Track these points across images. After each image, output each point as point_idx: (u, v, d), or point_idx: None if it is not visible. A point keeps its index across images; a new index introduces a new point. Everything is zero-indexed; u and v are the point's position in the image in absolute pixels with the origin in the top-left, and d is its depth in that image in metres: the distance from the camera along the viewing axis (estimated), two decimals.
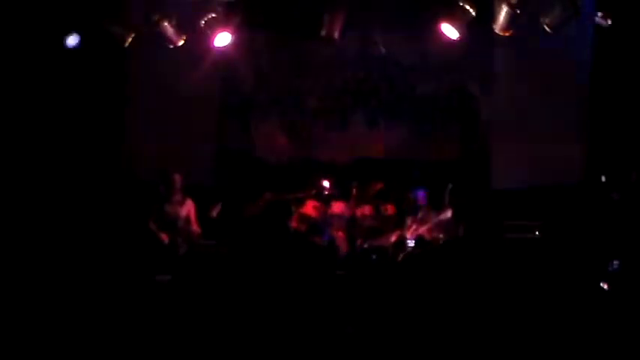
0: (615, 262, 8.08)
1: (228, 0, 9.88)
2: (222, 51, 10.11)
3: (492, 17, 9.24)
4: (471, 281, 8.60)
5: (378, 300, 8.15)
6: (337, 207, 10.01)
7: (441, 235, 9.13)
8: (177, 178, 9.21)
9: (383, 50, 10.29)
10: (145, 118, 10.62)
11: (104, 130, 10.43)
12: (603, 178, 9.64)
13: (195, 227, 9.27)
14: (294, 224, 9.90)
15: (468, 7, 9.06)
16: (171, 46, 9.70)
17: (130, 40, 9.58)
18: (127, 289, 8.39)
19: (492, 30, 9.31)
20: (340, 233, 9.88)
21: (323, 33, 9.43)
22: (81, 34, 9.56)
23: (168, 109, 10.55)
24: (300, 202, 10.02)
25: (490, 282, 8.56)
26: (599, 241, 8.83)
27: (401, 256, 8.92)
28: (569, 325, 7.04)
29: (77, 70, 10.09)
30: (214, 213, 9.28)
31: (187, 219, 9.27)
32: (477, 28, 9.48)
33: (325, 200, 9.97)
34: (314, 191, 10.09)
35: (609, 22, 8.86)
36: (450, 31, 9.25)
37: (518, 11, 8.91)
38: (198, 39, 9.85)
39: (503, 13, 8.91)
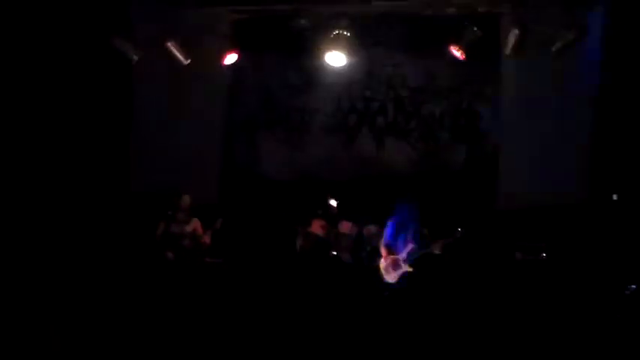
0: (632, 286, 8.06)
1: (235, 19, 9.98)
2: (229, 69, 10.17)
3: (500, 38, 9.32)
4: (477, 301, 8.63)
5: (387, 317, 8.19)
6: (344, 226, 9.98)
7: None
8: (186, 198, 9.26)
9: (390, 70, 10.32)
10: (151, 134, 10.63)
11: (111, 144, 10.42)
12: (615, 197, 9.62)
13: (204, 239, 9.26)
14: (300, 243, 9.90)
15: (475, 28, 9.12)
16: (179, 64, 9.75)
17: (137, 57, 9.63)
18: (132, 305, 8.41)
19: (499, 50, 9.39)
20: (347, 253, 9.85)
21: (330, 52, 9.50)
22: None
23: (175, 126, 10.56)
24: (307, 222, 10.01)
25: (498, 302, 8.58)
26: (608, 261, 8.84)
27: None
28: (577, 346, 7.05)
29: (85, 86, 10.09)
30: (217, 226, 9.32)
31: (193, 236, 9.28)
32: (484, 49, 9.54)
33: (332, 219, 9.94)
34: (320, 211, 10.07)
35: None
36: (457, 51, 9.30)
37: (527, 34, 8.99)
38: (206, 57, 9.90)
39: (511, 36, 8.97)
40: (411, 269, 8.70)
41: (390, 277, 8.83)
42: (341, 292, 9.04)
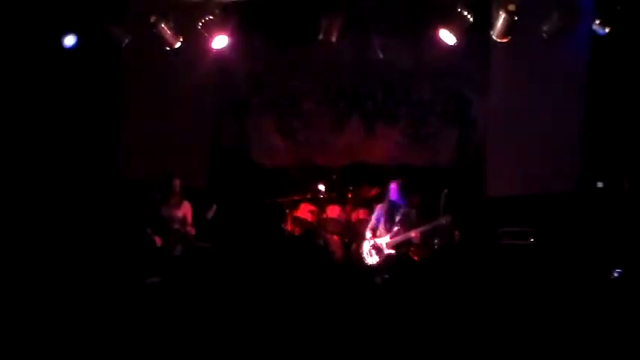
0: (617, 271, 8.10)
1: (225, 2, 9.90)
2: (219, 53, 10.11)
3: (490, 24, 9.28)
4: (466, 287, 8.64)
5: (377, 304, 8.19)
6: (333, 211, 9.98)
7: (435, 240, 9.08)
8: (177, 182, 9.27)
9: (380, 54, 10.27)
10: (140, 120, 10.60)
11: (99, 131, 10.39)
12: (600, 184, 9.64)
13: (190, 229, 9.29)
14: (288, 227, 9.91)
15: (465, 13, 9.08)
16: (168, 48, 9.70)
17: (127, 41, 9.57)
18: (120, 291, 8.41)
19: (490, 36, 9.35)
20: (335, 237, 9.87)
21: (320, 36, 9.45)
22: (78, 34, 9.49)
23: (164, 111, 10.53)
24: (296, 206, 10.02)
25: (485, 288, 8.59)
26: (596, 248, 8.86)
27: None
28: (563, 330, 7.07)
29: (73, 70, 10.03)
30: (209, 215, 9.30)
31: (183, 221, 9.31)
32: (475, 34, 9.51)
33: (320, 204, 9.94)
34: (309, 195, 10.07)
35: (607, 29, 8.83)
36: (447, 36, 9.27)
37: (516, 18, 8.95)
38: (195, 41, 9.85)
39: (501, 20, 8.93)
40: (393, 252, 8.73)
41: (373, 260, 8.86)
42: (328, 279, 9.08)
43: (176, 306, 8.03)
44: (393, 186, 9.08)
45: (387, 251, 8.83)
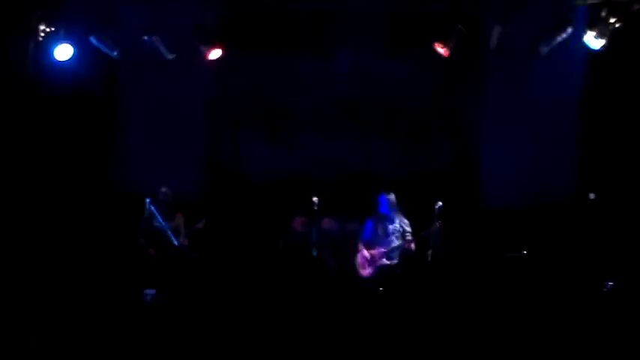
0: (610, 283, 8.12)
1: (218, 15, 9.96)
2: (213, 65, 10.16)
3: (484, 35, 9.33)
4: (459, 298, 8.65)
5: (372, 313, 8.21)
6: (326, 222, 9.98)
7: (429, 251, 9.05)
8: (170, 193, 9.31)
9: (374, 66, 10.31)
10: (134, 131, 10.62)
11: (94, 144, 10.41)
12: (592, 196, 9.68)
13: (183, 240, 9.31)
14: (281, 239, 9.92)
15: (459, 25, 9.13)
16: (163, 61, 9.74)
17: (116, 53, 9.63)
18: (115, 301, 8.42)
19: (484, 48, 9.41)
20: (328, 249, 9.86)
21: (315, 49, 9.51)
22: (72, 46, 9.51)
23: (158, 123, 10.56)
24: (289, 218, 10.01)
25: (478, 299, 8.60)
26: (588, 259, 8.88)
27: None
28: (556, 342, 7.08)
29: (67, 83, 10.05)
30: (198, 227, 9.36)
31: (176, 231, 9.32)
32: (469, 46, 9.55)
33: (314, 216, 9.92)
34: (302, 207, 10.06)
35: (602, 43, 8.82)
36: (441, 49, 9.32)
37: (511, 30, 9.01)
38: (189, 53, 9.90)
39: (495, 32, 8.98)
40: (388, 262, 8.74)
41: (365, 272, 8.87)
42: (322, 290, 9.09)
43: (171, 317, 8.05)
44: (383, 198, 9.09)
45: (380, 262, 8.82)
